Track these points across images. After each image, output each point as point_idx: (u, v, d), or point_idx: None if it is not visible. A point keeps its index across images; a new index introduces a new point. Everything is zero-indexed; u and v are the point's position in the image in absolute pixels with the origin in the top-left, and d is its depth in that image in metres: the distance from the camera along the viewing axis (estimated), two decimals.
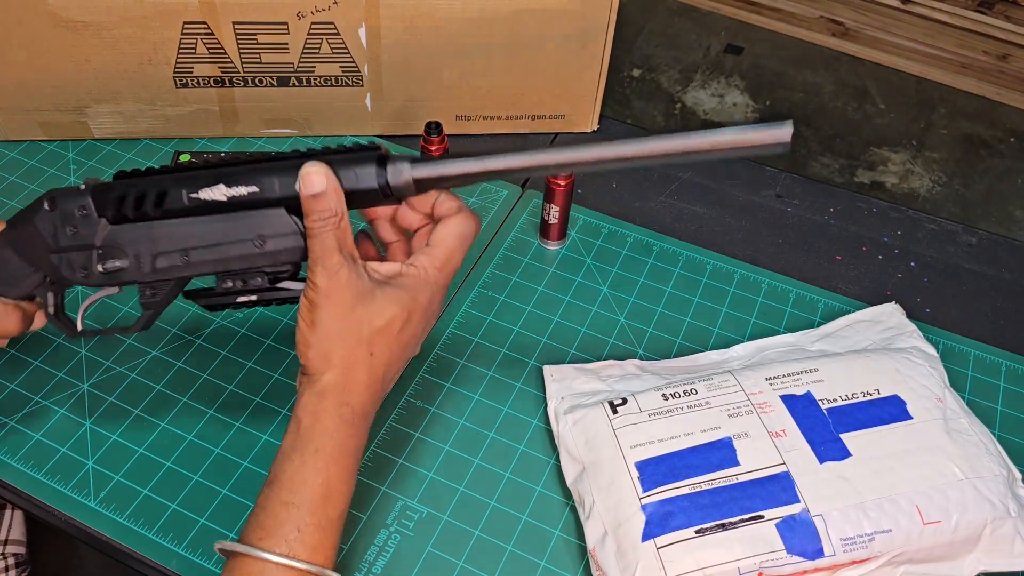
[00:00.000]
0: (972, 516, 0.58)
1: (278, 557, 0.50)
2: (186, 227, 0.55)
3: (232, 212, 0.54)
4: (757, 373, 0.66)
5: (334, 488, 0.52)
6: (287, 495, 0.51)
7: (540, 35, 0.85)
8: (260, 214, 0.54)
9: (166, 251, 0.55)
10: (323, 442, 0.52)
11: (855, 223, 0.86)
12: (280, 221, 0.54)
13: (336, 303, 0.52)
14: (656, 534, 0.57)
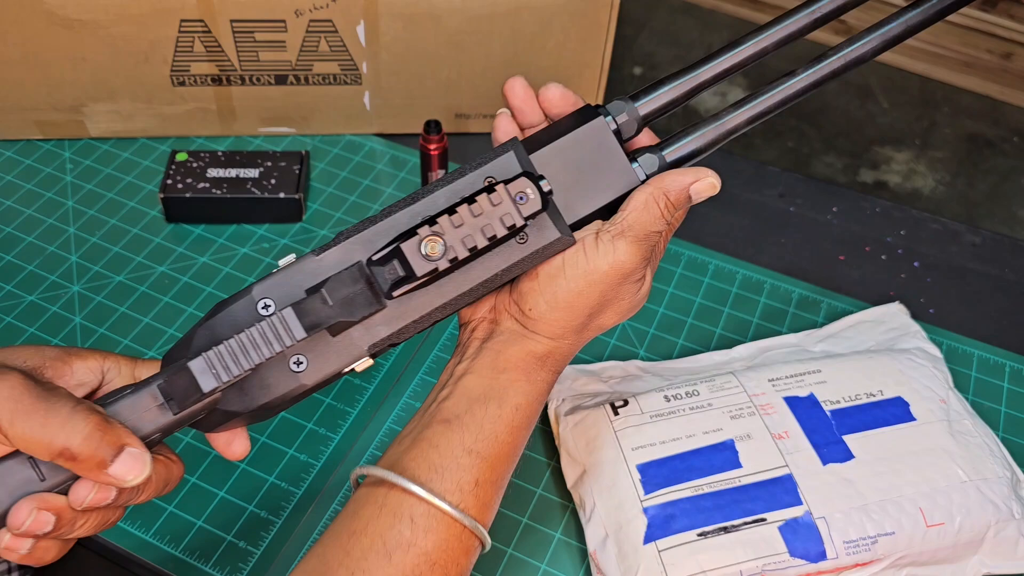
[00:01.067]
0: (976, 518, 0.58)
1: (449, 507, 0.45)
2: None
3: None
4: (760, 374, 0.65)
5: (519, 448, 0.49)
6: (472, 442, 0.46)
7: (540, 33, 0.84)
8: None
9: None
10: (525, 401, 0.48)
11: (858, 223, 0.86)
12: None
13: (612, 281, 0.47)
14: (658, 537, 0.57)
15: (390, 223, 0.47)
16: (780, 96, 0.51)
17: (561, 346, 0.49)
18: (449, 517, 0.45)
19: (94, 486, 0.42)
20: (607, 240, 0.47)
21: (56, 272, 0.78)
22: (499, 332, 0.50)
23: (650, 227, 0.47)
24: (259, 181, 0.81)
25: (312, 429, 0.68)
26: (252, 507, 0.64)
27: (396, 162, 0.89)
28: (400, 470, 0.46)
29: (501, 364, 0.48)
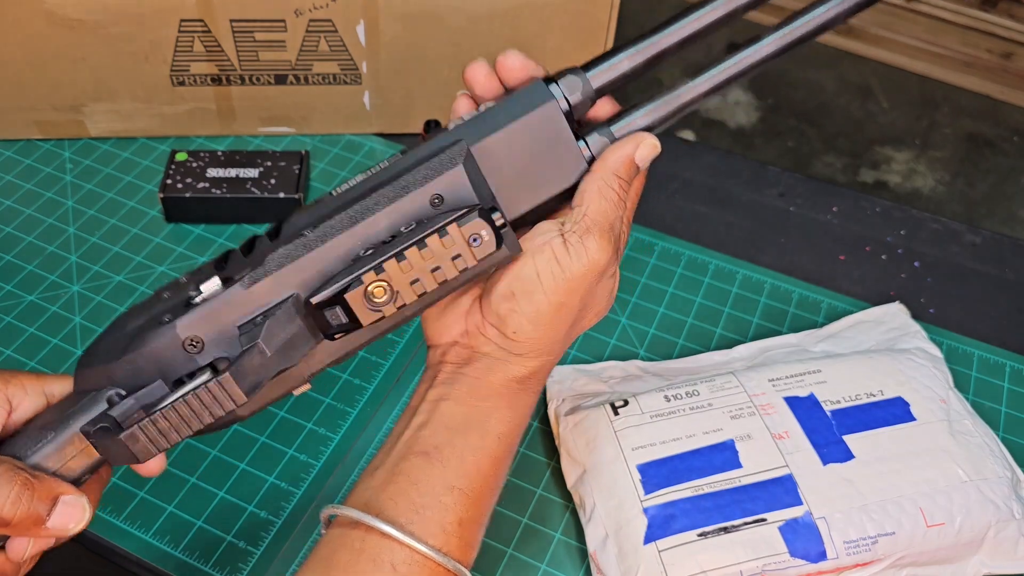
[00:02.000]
0: (976, 518, 0.58)
1: (433, 552, 0.41)
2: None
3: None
4: (760, 374, 0.65)
5: (501, 480, 0.46)
6: (454, 478, 0.43)
7: (540, 32, 0.84)
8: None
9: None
10: (508, 429, 0.45)
11: (858, 223, 0.86)
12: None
13: (591, 282, 0.45)
14: (658, 537, 0.57)
15: (328, 251, 0.43)
16: (740, 66, 0.47)
17: (545, 364, 0.47)
18: (432, 562, 0.42)
19: (30, 540, 0.40)
20: (576, 241, 0.44)
21: (56, 272, 0.78)
22: (478, 358, 0.46)
23: (611, 215, 0.45)
24: (259, 181, 0.81)
25: (312, 429, 0.68)
26: (252, 507, 0.64)
27: None
28: (377, 510, 0.42)
29: (483, 392, 0.46)
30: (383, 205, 0.43)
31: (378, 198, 0.43)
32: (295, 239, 0.43)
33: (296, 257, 0.43)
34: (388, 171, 0.45)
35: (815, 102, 1.82)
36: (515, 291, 0.45)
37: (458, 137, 0.45)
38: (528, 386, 0.47)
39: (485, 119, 0.46)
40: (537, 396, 0.48)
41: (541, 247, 0.45)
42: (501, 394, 0.46)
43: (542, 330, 0.45)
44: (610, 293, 0.48)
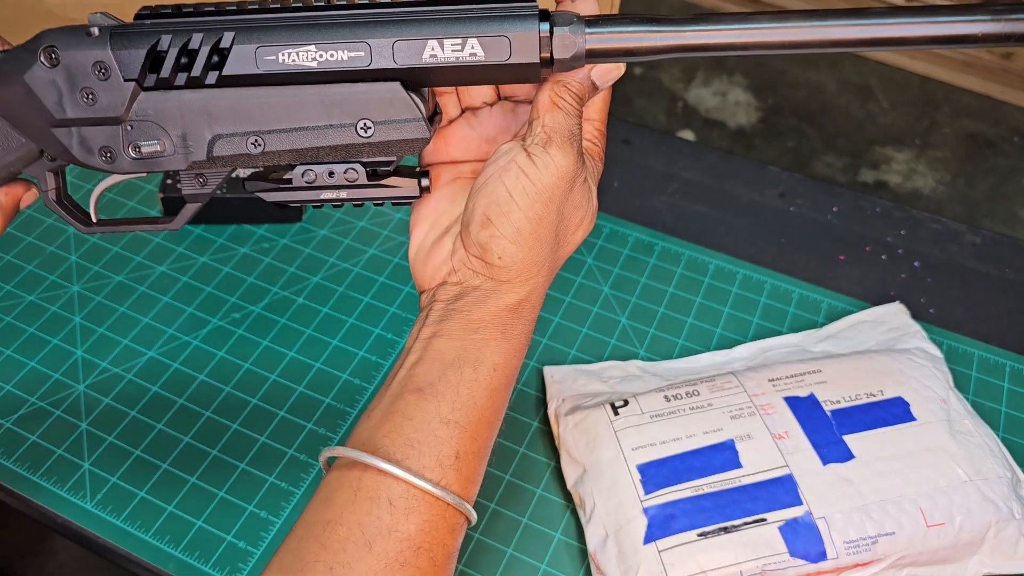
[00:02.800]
0: (976, 518, 0.58)
1: (431, 485, 0.41)
2: (258, 100, 0.41)
3: (324, 85, 0.41)
4: (760, 374, 0.65)
5: (500, 413, 0.45)
6: (449, 411, 0.43)
7: None
8: (365, 90, 0.41)
9: (228, 134, 0.42)
10: (503, 359, 0.45)
11: (858, 223, 0.86)
12: (396, 102, 0.42)
13: (564, 190, 0.44)
14: (658, 537, 0.57)
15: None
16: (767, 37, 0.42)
17: (536, 287, 0.46)
18: (431, 496, 0.42)
19: None
20: (539, 152, 0.44)
21: (56, 272, 0.78)
22: (467, 292, 0.46)
23: (567, 123, 0.45)
24: None
25: (312, 429, 0.68)
26: (252, 507, 0.64)
27: None
28: (373, 448, 0.42)
29: (474, 324, 0.45)
30: (335, 150, 0.43)
31: (330, 135, 0.43)
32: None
33: (246, 160, 0.43)
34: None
35: (815, 102, 1.82)
36: (491, 216, 0.45)
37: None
38: (521, 313, 0.46)
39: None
40: (531, 324, 0.47)
41: (507, 166, 0.45)
42: (493, 324, 0.45)
43: (526, 248, 0.45)
44: (588, 203, 0.47)
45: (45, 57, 0.42)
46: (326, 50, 0.41)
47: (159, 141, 0.42)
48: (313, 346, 0.73)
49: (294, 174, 0.44)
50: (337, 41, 0.41)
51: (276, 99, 0.42)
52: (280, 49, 0.41)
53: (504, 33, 0.41)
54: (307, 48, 0.41)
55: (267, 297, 0.76)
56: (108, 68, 0.41)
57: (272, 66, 0.41)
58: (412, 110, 0.42)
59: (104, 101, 0.42)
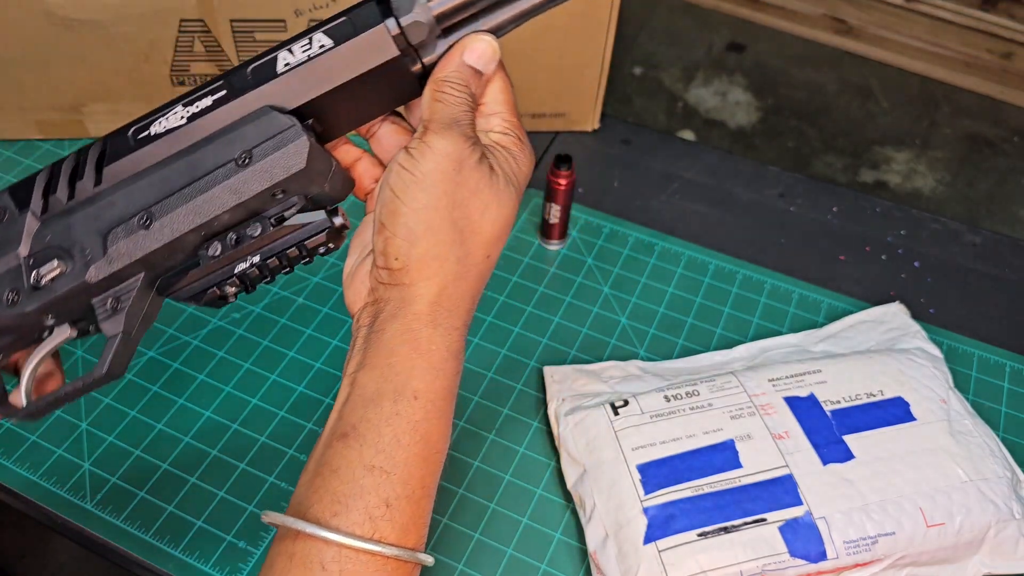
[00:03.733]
0: (976, 518, 0.58)
1: (361, 542, 0.39)
2: (140, 182, 0.41)
3: (200, 142, 0.41)
4: (760, 374, 0.65)
5: (435, 445, 0.41)
6: (372, 455, 0.40)
7: (540, 32, 0.84)
8: (230, 114, 0.41)
9: (116, 221, 0.41)
10: (424, 383, 0.41)
11: (858, 223, 0.86)
12: (268, 122, 0.40)
13: (448, 173, 0.42)
14: (658, 537, 0.57)
15: (168, 234, 0.41)
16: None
17: (444, 284, 0.43)
18: (365, 553, 0.39)
19: None
20: (417, 144, 0.43)
21: None
22: (381, 309, 0.43)
23: (450, 111, 0.43)
24: None
25: (312, 429, 0.68)
26: (252, 507, 0.64)
27: None
28: (304, 510, 0.40)
29: (390, 346, 0.42)
30: (223, 193, 0.41)
31: (214, 180, 0.41)
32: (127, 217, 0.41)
33: (142, 244, 0.41)
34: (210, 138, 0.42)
35: (815, 102, 1.81)
36: (383, 219, 0.43)
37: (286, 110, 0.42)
38: (436, 320, 0.43)
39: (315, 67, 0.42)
40: (455, 334, 0.43)
41: (391, 168, 0.44)
42: (407, 341, 0.42)
43: (421, 243, 0.42)
44: (490, 187, 0.43)
45: None
46: (191, 103, 0.41)
47: (57, 262, 0.41)
48: (313, 346, 0.73)
49: (200, 256, 0.42)
50: (201, 93, 0.41)
51: (156, 172, 0.41)
52: (152, 123, 0.42)
53: (355, 35, 0.41)
54: (174, 110, 0.41)
55: (267, 297, 0.76)
56: (6, 209, 0.42)
57: (146, 140, 0.42)
58: (282, 122, 0.41)
59: (4, 238, 0.41)
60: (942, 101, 1.86)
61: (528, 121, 0.92)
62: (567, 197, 0.78)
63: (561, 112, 0.92)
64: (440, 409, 0.42)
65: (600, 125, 0.93)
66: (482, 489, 0.65)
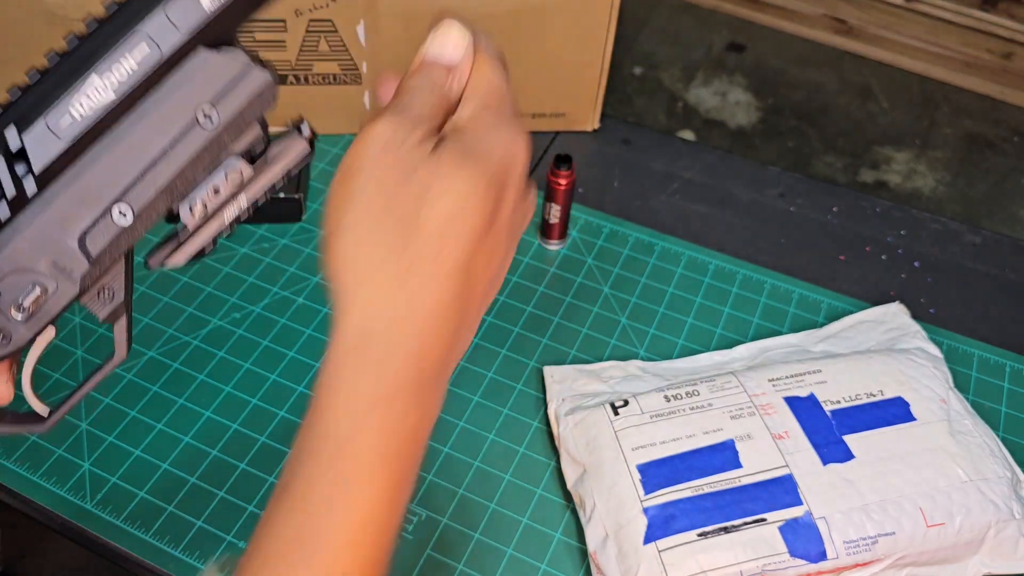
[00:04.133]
0: (976, 518, 0.58)
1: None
2: (91, 171, 0.36)
3: (137, 105, 0.35)
4: (760, 374, 0.65)
5: (380, 519, 0.32)
6: (295, 537, 0.32)
7: (540, 32, 0.84)
8: (176, 80, 0.35)
9: (91, 224, 0.36)
10: (365, 444, 0.32)
11: (858, 223, 0.86)
12: (212, 68, 0.35)
13: (365, 166, 0.35)
14: (658, 537, 0.57)
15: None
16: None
17: (370, 301, 0.33)
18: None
19: None
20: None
21: None
22: (328, 347, 0.36)
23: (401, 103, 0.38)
24: None
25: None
26: (252, 507, 0.64)
27: None
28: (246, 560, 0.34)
29: (324, 390, 0.34)
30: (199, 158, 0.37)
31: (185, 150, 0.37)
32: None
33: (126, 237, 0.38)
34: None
35: (815, 102, 1.81)
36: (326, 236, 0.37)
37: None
38: (364, 345, 0.33)
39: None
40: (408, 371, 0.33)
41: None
42: (348, 385, 0.33)
43: (343, 248, 0.35)
44: (427, 163, 0.35)
45: None
46: (111, 70, 0.35)
47: (35, 285, 0.36)
48: (313, 346, 0.73)
49: (183, 218, 0.38)
50: (113, 55, 0.35)
51: (106, 156, 0.36)
52: (68, 106, 0.35)
53: None
54: (91, 83, 0.35)
55: (267, 297, 0.76)
56: None
57: (75, 128, 0.35)
58: (234, 62, 0.36)
59: None
60: (942, 101, 1.86)
61: (528, 121, 0.92)
62: (567, 197, 0.78)
63: (561, 112, 0.92)
64: (390, 471, 0.33)
65: (600, 125, 0.93)
66: (482, 489, 0.65)
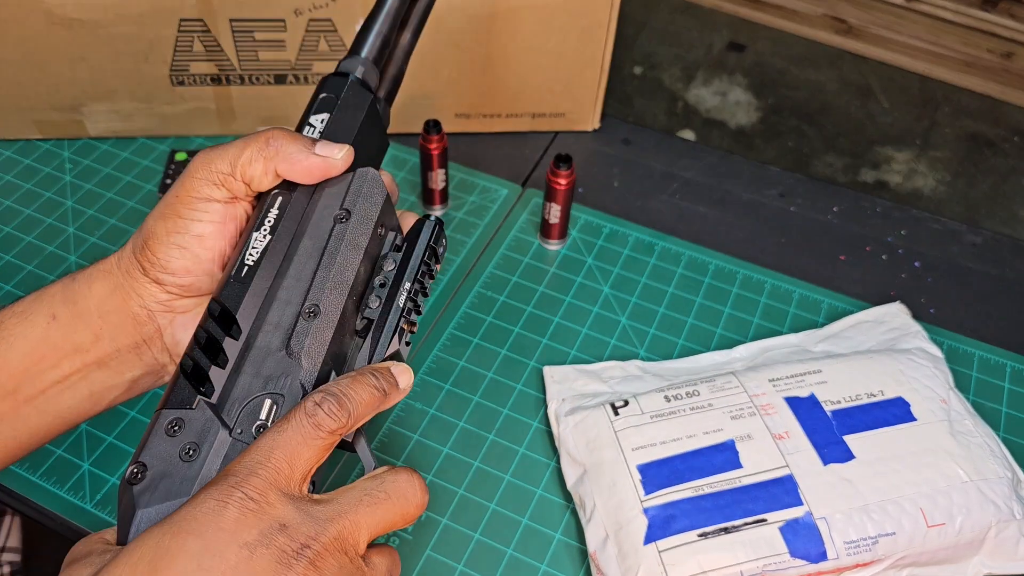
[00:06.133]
0: (976, 518, 0.58)
1: None
2: (278, 298, 0.44)
3: (296, 233, 0.46)
4: (760, 374, 0.65)
5: None
6: None
7: (541, 32, 0.84)
8: (319, 200, 0.47)
9: (286, 336, 0.43)
10: None
11: (859, 223, 0.85)
12: (337, 180, 0.47)
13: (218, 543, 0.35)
14: (658, 537, 0.57)
15: (331, 319, 0.44)
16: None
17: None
18: None
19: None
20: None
21: (55, 272, 0.78)
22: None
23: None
24: None
25: None
26: None
27: (396, 162, 0.89)
28: None
29: None
30: (348, 252, 0.46)
31: (335, 247, 0.46)
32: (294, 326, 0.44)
33: (322, 332, 0.44)
34: (304, 223, 0.47)
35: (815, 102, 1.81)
36: None
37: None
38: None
39: (336, 132, 0.50)
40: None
41: None
42: None
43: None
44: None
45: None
46: (260, 226, 0.46)
47: (264, 400, 0.42)
48: None
49: (365, 314, 0.46)
50: (261, 216, 0.46)
51: (284, 281, 0.44)
52: (243, 259, 0.45)
53: (339, 99, 0.52)
54: (252, 239, 0.45)
55: None
56: (176, 421, 0.41)
57: (253, 272, 0.44)
58: (347, 174, 0.49)
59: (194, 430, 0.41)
60: (942, 101, 1.86)
61: (528, 121, 0.92)
62: (567, 197, 0.77)
63: (561, 112, 0.92)
64: None
65: (600, 125, 0.93)
66: (482, 489, 0.65)
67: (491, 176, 0.88)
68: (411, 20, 0.56)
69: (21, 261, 0.79)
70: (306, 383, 0.42)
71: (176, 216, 0.45)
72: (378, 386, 0.42)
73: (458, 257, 0.81)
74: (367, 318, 0.46)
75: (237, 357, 0.42)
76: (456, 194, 0.86)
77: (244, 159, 0.45)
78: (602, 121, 0.93)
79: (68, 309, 0.46)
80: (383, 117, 0.53)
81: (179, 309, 0.47)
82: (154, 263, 0.46)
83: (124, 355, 0.47)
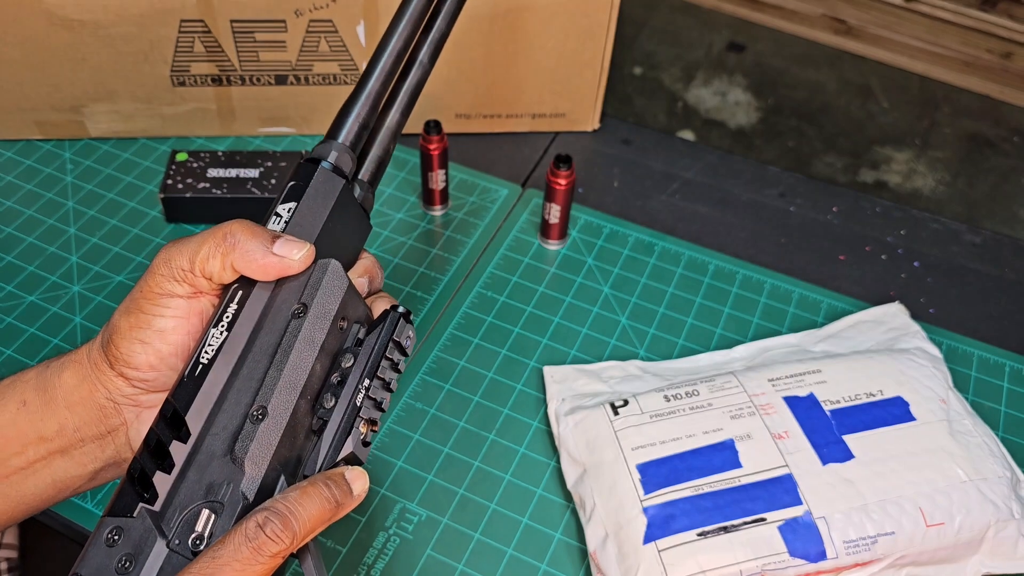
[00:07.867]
0: (975, 518, 0.58)
1: None
2: (228, 397, 0.42)
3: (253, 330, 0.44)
4: (760, 374, 0.65)
5: None
6: None
7: (541, 32, 0.84)
8: (276, 297, 0.44)
9: (231, 439, 0.41)
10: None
11: (858, 223, 0.86)
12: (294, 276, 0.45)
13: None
14: (658, 536, 0.57)
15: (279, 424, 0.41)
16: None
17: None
18: None
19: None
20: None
21: (56, 272, 0.78)
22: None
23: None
24: (259, 181, 0.81)
25: None
26: None
27: (397, 162, 0.89)
28: None
29: None
30: (303, 348, 0.43)
31: (288, 345, 0.43)
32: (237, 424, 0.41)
33: (268, 436, 0.41)
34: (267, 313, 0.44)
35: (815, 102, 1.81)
36: None
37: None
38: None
39: (302, 223, 0.47)
40: None
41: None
42: None
43: None
44: None
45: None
46: (218, 322, 0.43)
47: (202, 510, 0.40)
48: None
49: (320, 415, 0.43)
50: (221, 310, 0.44)
51: (236, 381, 0.42)
52: (198, 357, 0.43)
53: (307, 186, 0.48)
54: (209, 335, 0.43)
55: None
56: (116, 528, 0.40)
57: (207, 370, 0.42)
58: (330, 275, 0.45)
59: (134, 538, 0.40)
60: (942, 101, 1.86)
61: (528, 121, 0.92)
62: (567, 197, 0.78)
63: (561, 112, 0.92)
64: None
65: (600, 125, 0.93)
66: (482, 489, 0.65)
67: (491, 176, 0.88)
68: (398, 99, 0.52)
69: (22, 262, 0.79)
70: (248, 491, 0.40)
71: (139, 311, 0.44)
72: (330, 497, 0.40)
73: (458, 257, 0.81)
74: (321, 418, 0.43)
75: (184, 462, 0.40)
76: (456, 194, 0.86)
77: (202, 255, 0.44)
78: (602, 121, 0.94)
79: (39, 396, 0.45)
80: (364, 201, 0.50)
81: (145, 404, 0.46)
82: (118, 358, 0.44)
83: (88, 446, 0.46)
